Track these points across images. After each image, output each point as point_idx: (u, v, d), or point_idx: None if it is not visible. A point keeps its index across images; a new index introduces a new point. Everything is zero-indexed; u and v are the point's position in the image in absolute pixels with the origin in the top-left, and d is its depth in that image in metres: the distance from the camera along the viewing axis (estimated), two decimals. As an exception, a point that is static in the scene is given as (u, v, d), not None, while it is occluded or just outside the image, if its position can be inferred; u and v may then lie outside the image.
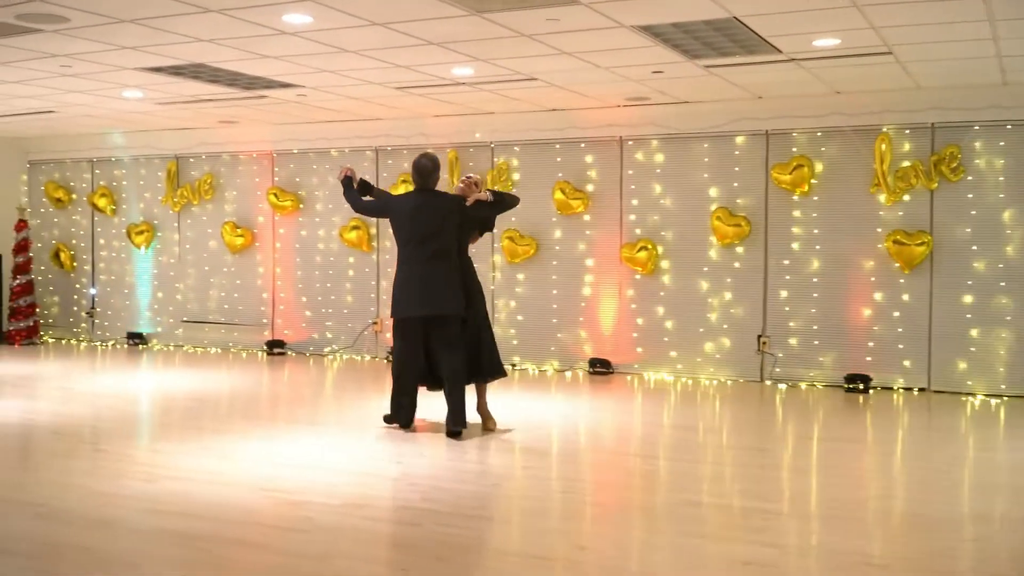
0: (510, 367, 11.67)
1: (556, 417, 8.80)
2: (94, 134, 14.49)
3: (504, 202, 8.03)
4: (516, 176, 11.86)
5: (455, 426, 7.73)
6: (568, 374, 11.35)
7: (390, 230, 12.41)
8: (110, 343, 14.41)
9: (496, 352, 7.97)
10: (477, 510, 5.72)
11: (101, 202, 14.59)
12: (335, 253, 12.99)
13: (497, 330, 11.87)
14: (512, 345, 11.87)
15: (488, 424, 8.08)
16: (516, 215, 11.81)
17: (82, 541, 5.09)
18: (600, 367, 11.29)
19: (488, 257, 11.98)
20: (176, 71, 9.46)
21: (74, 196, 14.97)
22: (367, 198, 8.18)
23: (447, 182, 12.05)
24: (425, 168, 8.06)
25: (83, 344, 14.51)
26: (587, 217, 11.55)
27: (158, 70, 9.41)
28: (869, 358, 10.34)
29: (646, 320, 11.30)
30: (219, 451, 7.16)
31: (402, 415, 8.05)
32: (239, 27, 7.72)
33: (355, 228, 12.64)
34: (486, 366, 7.92)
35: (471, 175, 8.44)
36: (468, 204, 7.89)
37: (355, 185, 8.23)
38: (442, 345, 7.74)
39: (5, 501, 5.86)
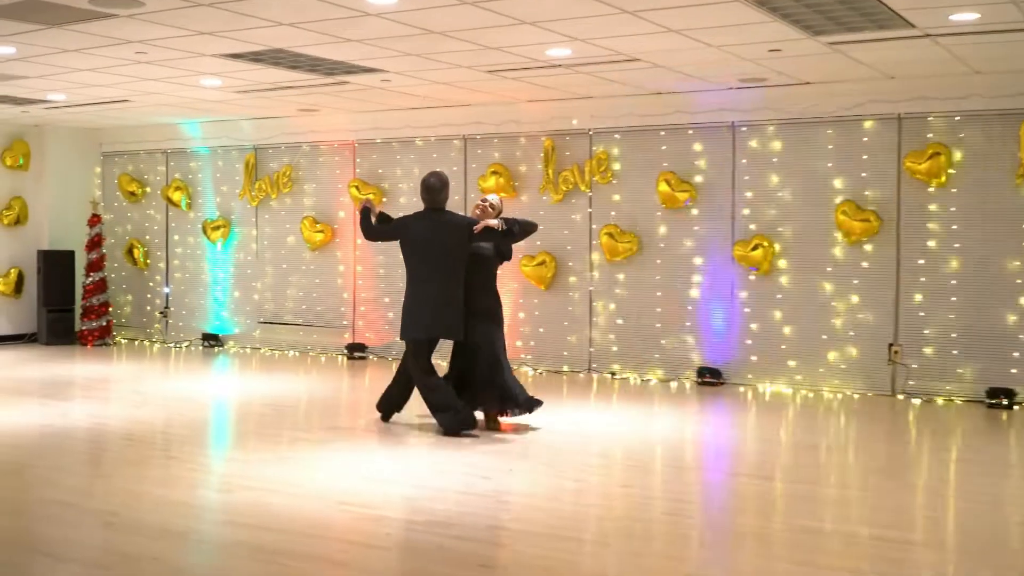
0: (608, 376, 11.64)
1: (660, 432, 8.75)
2: (169, 124, 14.90)
3: (515, 233, 8.52)
4: (616, 166, 11.82)
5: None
6: (673, 385, 11.27)
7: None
8: (184, 344, 14.81)
9: (495, 387, 8.39)
10: (573, 532, 5.72)
11: (176, 196, 15.00)
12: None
13: (595, 335, 11.86)
14: (611, 352, 11.84)
15: (491, 425, 8.59)
16: (617, 209, 11.79)
17: (153, 552, 5.25)
18: (709, 377, 11.19)
19: (585, 255, 11.97)
20: (255, 57, 9.67)
21: (148, 189, 15.42)
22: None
23: (541, 174, 12.09)
24: (433, 187, 8.61)
25: (156, 345, 14.94)
26: (695, 211, 11.45)
27: (237, 56, 9.62)
28: (1014, 370, 10.02)
29: (761, 325, 11.15)
30: (296, 461, 7.30)
31: (464, 416, 8.40)
32: (321, 9, 7.85)
33: None
34: (507, 394, 8.42)
35: (488, 199, 8.87)
36: (475, 230, 8.43)
37: (373, 218, 8.81)
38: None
39: (75, 509, 6.08)
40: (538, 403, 8.60)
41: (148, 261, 15.40)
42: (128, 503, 6.19)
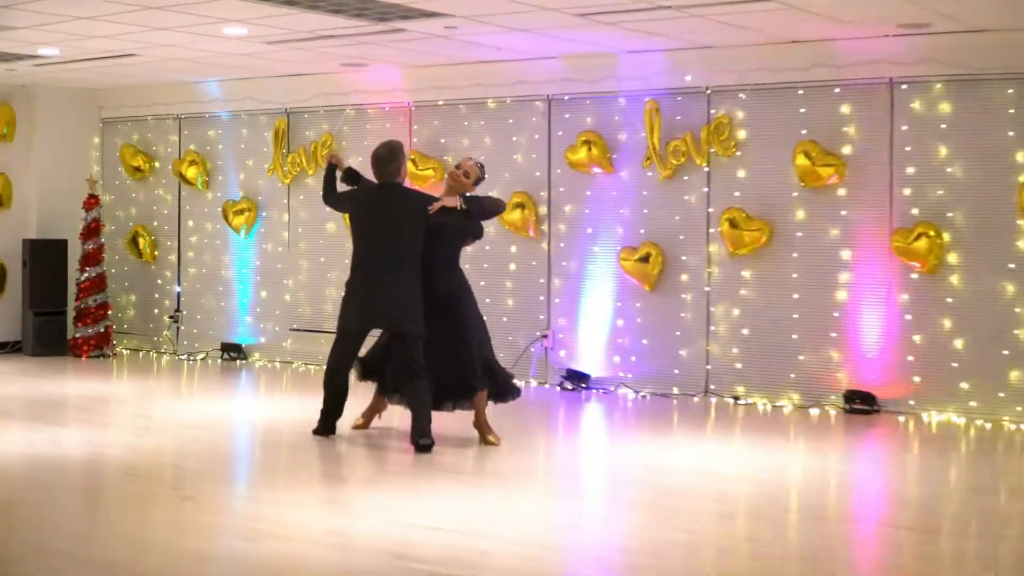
0: (730, 401, 11.61)
1: (796, 472, 8.71)
2: (183, 84, 15.12)
3: (481, 211, 9.38)
4: (741, 134, 11.76)
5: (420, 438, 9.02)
6: (814, 412, 11.19)
7: (563, 208, 12.65)
8: (199, 357, 15.01)
9: (486, 368, 9.26)
10: (684, 596, 5.74)
11: (190, 172, 15.23)
12: (491, 239, 13.14)
13: (714, 347, 11.82)
14: (734, 371, 11.80)
15: (488, 438, 9.42)
16: (741, 188, 11.75)
17: (165, 615, 5.36)
18: (860, 403, 11.09)
19: (701, 247, 11.95)
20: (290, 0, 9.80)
21: (157, 164, 15.69)
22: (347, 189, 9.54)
23: (645, 144, 12.07)
24: (381, 157, 9.39)
25: (165, 357, 15.18)
26: (842, 191, 11.35)
27: (266, -2, 9.77)
28: None
29: (926, 337, 11.03)
30: (338, 503, 7.38)
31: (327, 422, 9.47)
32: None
33: (519, 207, 12.81)
34: (457, 384, 9.23)
35: (467, 162, 9.49)
36: (431, 210, 9.12)
37: (338, 175, 9.58)
38: (400, 363, 9.13)
39: (69, 558, 6.21)
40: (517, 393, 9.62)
41: (156, 253, 15.67)
42: (133, 552, 6.30)
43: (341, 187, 9.84)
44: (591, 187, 12.51)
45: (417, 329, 9.07)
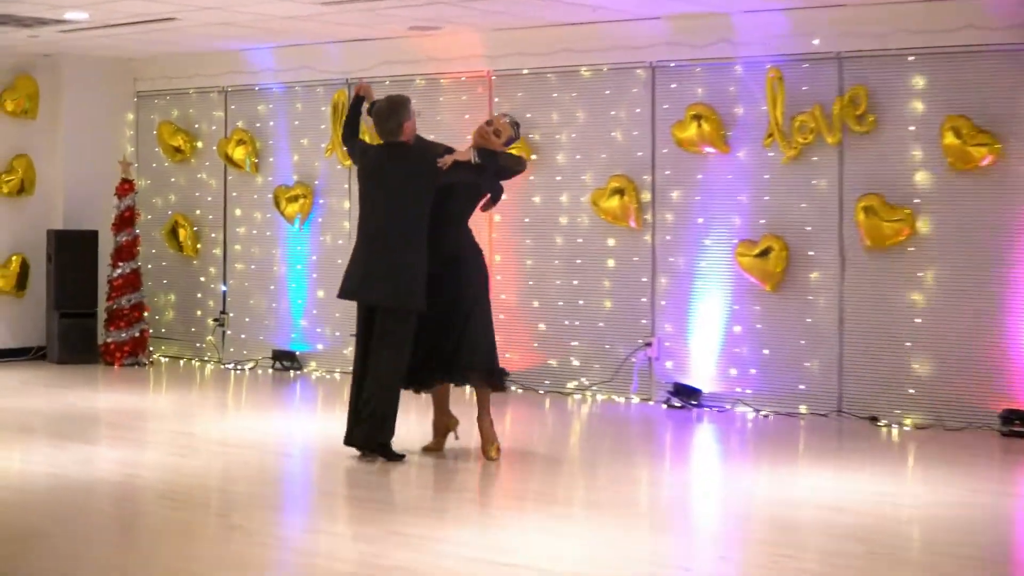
0: (868, 421, 11.50)
1: (949, 504, 8.62)
2: (229, 52, 15.29)
3: (497, 168, 9.57)
4: (880, 107, 11.62)
5: (363, 441, 9.42)
6: (966, 434, 11.05)
7: (670, 194, 12.62)
8: (247, 366, 15.18)
9: (486, 346, 9.66)
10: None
11: (237, 153, 15.39)
12: (585, 231, 13.21)
13: (848, 358, 11.73)
14: (872, 386, 11.70)
15: (488, 450, 9.63)
16: (879, 171, 11.64)
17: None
18: (1021, 424, 10.93)
19: (833, 240, 11.86)
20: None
21: (199, 144, 15.88)
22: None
23: (767, 118, 11.99)
24: (379, 113, 9.67)
25: (209, 366, 15.40)
26: (998, 174, 11.21)
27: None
28: None
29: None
30: (406, 537, 7.41)
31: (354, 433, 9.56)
32: None
33: (617, 192, 12.80)
34: (464, 361, 9.55)
35: (497, 119, 9.73)
36: (441, 165, 9.41)
37: (364, 109, 9.90)
38: (379, 340, 9.34)
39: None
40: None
41: (198, 246, 15.86)
42: (174, 591, 6.40)
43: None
44: (702, 170, 12.50)
45: (416, 304, 9.39)
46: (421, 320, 9.42)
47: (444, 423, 9.96)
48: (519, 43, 13.46)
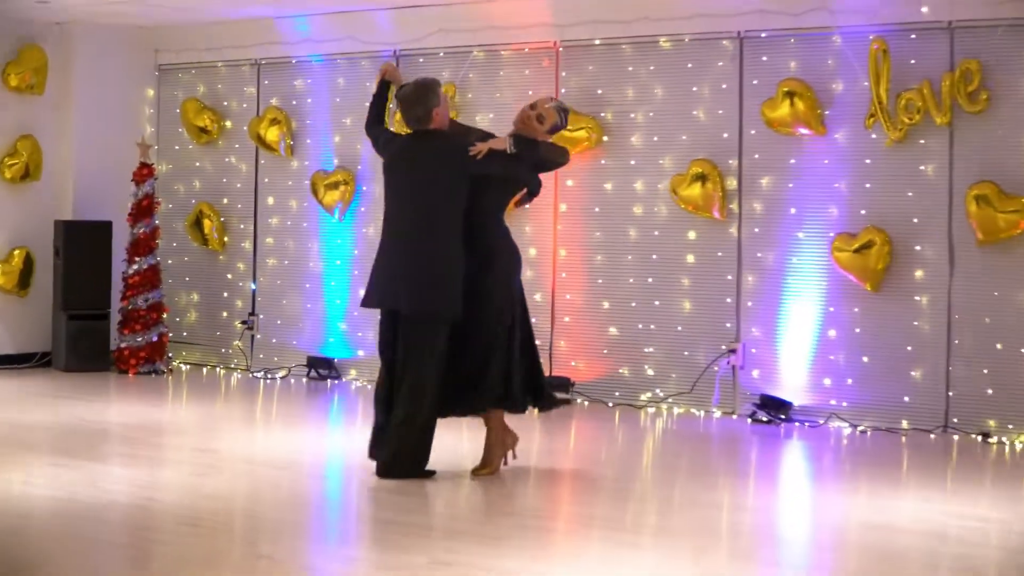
0: (978, 438, 11.51)
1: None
2: (262, 20, 15.41)
3: (537, 160, 9.68)
4: (996, 84, 11.61)
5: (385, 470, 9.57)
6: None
7: (758, 181, 12.69)
8: (279, 374, 15.29)
9: (508, 372, 9.55)
10: None
11: (271, 134, 15.50)
12: (662, 222, 13.28)
13: (958, 368, 11.75)
14: (984, 398, 11.71)
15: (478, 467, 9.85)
16: (994, 155, 11.65)
17: None
18: None
19: (941, 233, 11.86)
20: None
21: (228, 124, 16.00)
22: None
23: (869, 96, 11.98)
24: (405, 99, 9.74)
25: (236, 374, 15.50)
26: None
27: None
28: None
29: None
30: (452, 567, 7.44)
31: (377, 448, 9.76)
32: None
33: (699, 179, 12.85)
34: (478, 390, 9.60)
35: (541, 103, 9.79)
36: (475, 156, 9.46)
37: (393, 91, 10.05)
38: (404, 353, 9.47)
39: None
40: (556, 402, 10.05)
41: (225, 239, 16.00)
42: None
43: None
44: (796, 153, 12.55)
45: (444, 310, 9.46)
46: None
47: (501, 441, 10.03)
48: (590, 10, 13.54)
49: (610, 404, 13.26)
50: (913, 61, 11.99)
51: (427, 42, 14.46)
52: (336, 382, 14.83)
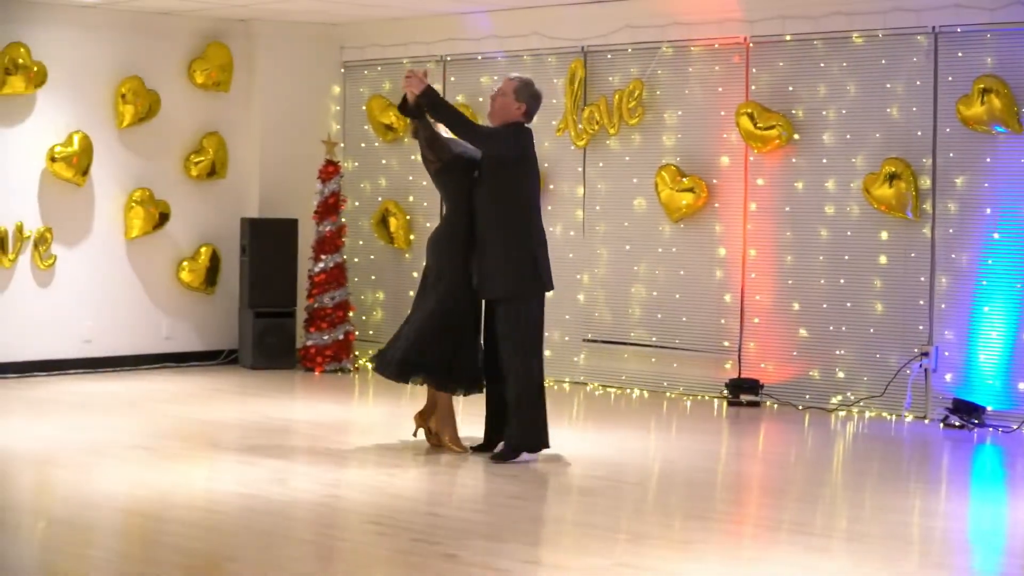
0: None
1: None
2: (447, 16, 15.74)
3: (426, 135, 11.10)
4: None
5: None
6: None
7: (953, 180, 12.71)
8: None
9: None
10: None
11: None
12: (854, 222, 13.38)
13: None
14: None
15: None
16: None
17: None
18: None
19: None
20: None
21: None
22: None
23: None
24: (538, 95, 11.41)
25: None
26: None
27: None
28: None
29: None
30: (639, 570, 7.62)
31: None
32: None
33: (892, 178, 12.88)
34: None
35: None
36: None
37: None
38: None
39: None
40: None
41: (411, 237, 16.32)
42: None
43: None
44: (992, 152, 12.55)
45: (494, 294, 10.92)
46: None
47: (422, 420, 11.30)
48: (782, 4, 13.62)
49: (799, 407, 13.36)
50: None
51: (614, 38, 14.64)
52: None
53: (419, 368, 10.82)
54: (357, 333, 16.22)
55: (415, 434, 11.12)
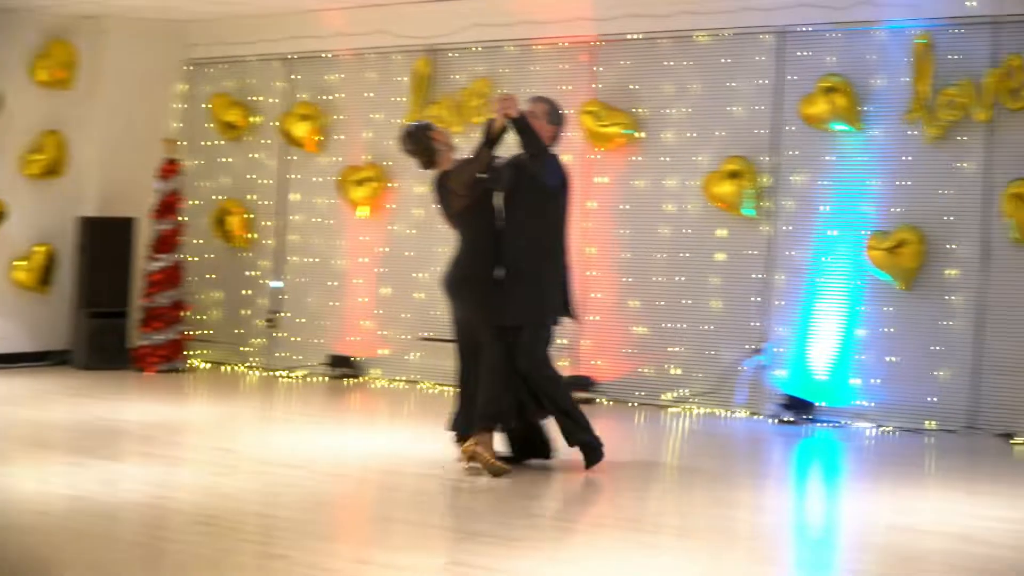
0: (1006, 439, 11.67)
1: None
2: (295, 14, 15.72)
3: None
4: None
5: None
6: None
7: (791, 178, 12.89)
8: (299, 373, 15.57)
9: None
10: None
11: (301, 129, 15.81)
12: (692, 220, 13.58)
13: (988, 369, 11.92)
14: (1012, 400, 11.86)
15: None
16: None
17: None
18: None
19: (975, 232, 12.00)
20: None
21: (258, 119, 16.37)
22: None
23: (911, 91, 12.18)
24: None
25: (256, 373, 15.79)
26: None
27: None
28: None
29: None
30: (471, 569, 7.59)
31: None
32: None
33: (733, 176, 13.07)
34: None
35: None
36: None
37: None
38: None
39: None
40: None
41: (252, 235, 16.32)
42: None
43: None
44: (831, 150, 12.79)
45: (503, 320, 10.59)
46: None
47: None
48: (628, 4, 13.77)
49: (632, 404, 13.53)
50: (957, 57, 12.20)
51: (461, 36, 14.77)
52: (355, 380, 15.10)
53: (501, 416, 10.51)
54: (192, 334, 16.15)
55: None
